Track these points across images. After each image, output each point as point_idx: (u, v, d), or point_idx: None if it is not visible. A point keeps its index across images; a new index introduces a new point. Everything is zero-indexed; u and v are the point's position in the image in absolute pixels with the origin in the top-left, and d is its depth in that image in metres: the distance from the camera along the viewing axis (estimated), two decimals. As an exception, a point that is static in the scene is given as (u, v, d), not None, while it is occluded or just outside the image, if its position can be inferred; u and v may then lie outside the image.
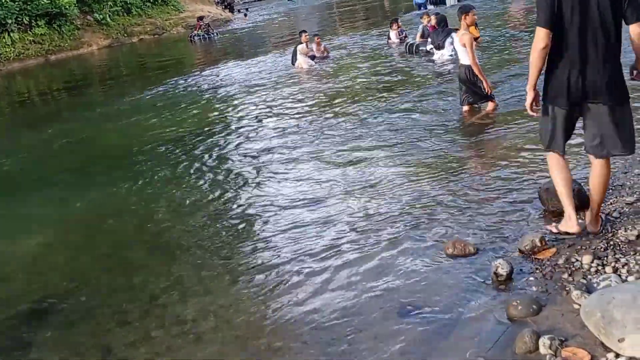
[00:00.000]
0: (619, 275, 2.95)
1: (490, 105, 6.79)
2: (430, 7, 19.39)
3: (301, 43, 11.99)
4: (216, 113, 9.59)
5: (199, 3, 32.45)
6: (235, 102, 10.09)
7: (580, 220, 3.57)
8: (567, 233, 3.51)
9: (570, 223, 3.47)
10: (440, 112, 7.27)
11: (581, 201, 3.76)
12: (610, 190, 4.03)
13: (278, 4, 37.58)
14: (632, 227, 3.38)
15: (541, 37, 3.09)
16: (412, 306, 3.26)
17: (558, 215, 3.73)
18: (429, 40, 10.96)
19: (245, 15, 31.76)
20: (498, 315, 2.99)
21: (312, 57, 12.17)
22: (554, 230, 3.58)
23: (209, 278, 4.07)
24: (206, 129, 8.51)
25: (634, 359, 2.29)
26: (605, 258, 3.17)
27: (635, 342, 2.28)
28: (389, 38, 13.19)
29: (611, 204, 3.82)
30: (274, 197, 5.33)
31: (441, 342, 2.92)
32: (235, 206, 5.35)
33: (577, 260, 3.24)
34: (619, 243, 3.29)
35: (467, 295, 3.27)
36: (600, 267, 3.10)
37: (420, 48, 11.31)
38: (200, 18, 24.50)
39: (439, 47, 10.50)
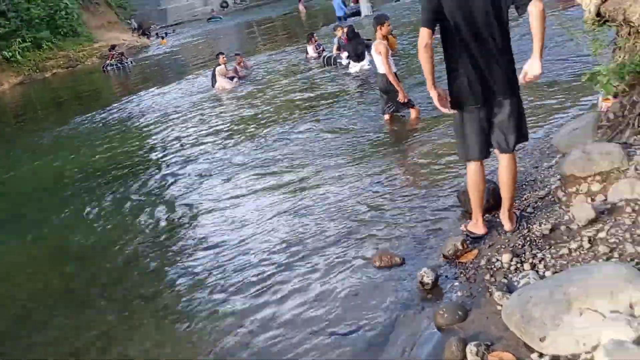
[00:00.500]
0: (537, 272, 3.00)
1: (413, 113, 6.85)
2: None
3: (219, 65, 11.84)
4: (132, 145, 9.22)
5: (113, 31, 31.51)
6: (153, 131, 9.78)
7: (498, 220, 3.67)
8: (472, 232, 3.64)
9: (477, 226, 3.64)
10: (362, 123, 7.30)
11: (497, 200, 3.84)
12: (524, 186, 4.15)
13: (197, 26, 37.09)
14: (546, 221, 3.47)
15: (422, 35, 3.14)
16: (342, 324, 3.22)
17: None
18: (345, 53, 11.04)
19: (163, 38, 31.12)
20: (426, 326, 2.99)
21: (233, 78, 12.05)
22: (462, 229, 3.73)
23: (133, 323, 3.86)
24: (123, 162, 8.19)
25: (556, 357, 2.31)
26: (523, 255, 3.23)
27: (556, 340, 2.31)
28: (307, 53, 13.26)
29: (525, 199, 3.92)
30: (196, 228, 5.17)
31: (372, 358, 2.88)
32: (157, 241, 5.15)
33: (497, 259, 3.29)
34: (535, 238, 3.36)
35: (396, 307, 3.26)
36: (519, 265, 3.16)
37: (338, 60, 11.42)
38: (113, 47, 23.74)
39: (358, 58, 10.63)
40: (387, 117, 6.99)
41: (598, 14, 4.51)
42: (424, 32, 3.13)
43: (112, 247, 5.24)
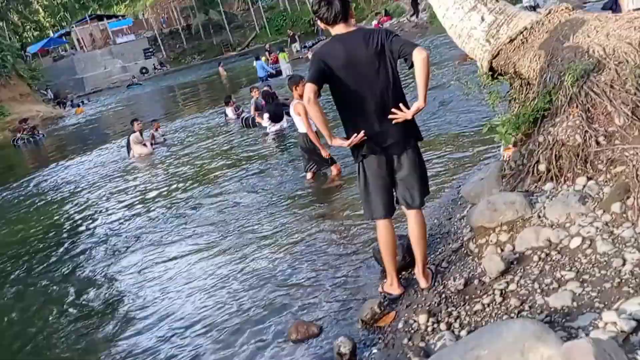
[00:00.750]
0: (452, 331, 2.92)
1: (334, 171, 6.82)
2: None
3: (134, 132, 11.52)
4: (39, 224, 8.53)
5: (26, 103, 30.36)
6: (63, 207, 9.18)
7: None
8: (389, 293, 3.54)
9: (392, 287, 3.55)
10: (282, 184, 7.19)
11: (412, 256, 3.78)
12: (438, 239, 4.14)
13: (117, 93, 36.36)
14: (460, 276, 3.42)
15: (306, 91, 3.07)
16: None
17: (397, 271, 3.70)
18: (266, 115, 11.00)
19: (79, 106, 30.26)
20: (346, 403, 2.80)
21: (151, 144, 11.75)
22: (379, 290, 3.64)
23: None
24: (28, 243, 7.59)
25: None
26: (439, 314, 3.15)
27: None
28: (226, 115, 13.23)
29: (439, 253, 3.89)
30: (105, 312, 4.79)
31: None
32: (65, 331, 4.69)
33: (414, 321, 3.19)
34: (450, 295, 3.29)
35: (314, 386, 3.05)
36: (435, 325, 3.06)
37: (256, 121, 11.42)
38: (24, 120, 22.74)
39: (277, 118, 10.65)
40: (309, 175, 6.93)
41: (491, 69, 4.72)
42: (307, 88, 3.08)
43: (15, 342, 4.74)
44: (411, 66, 3.08)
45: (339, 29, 3.22)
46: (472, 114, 7.47)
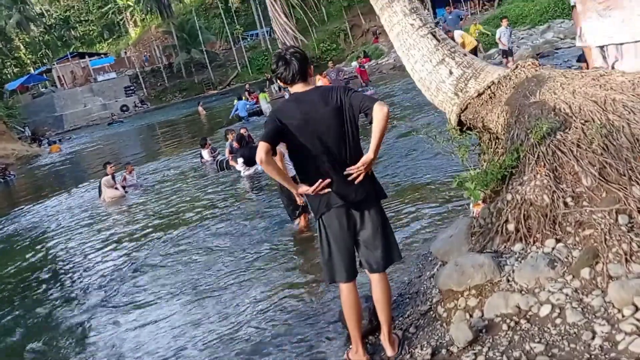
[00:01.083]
0: (417, 412, 2.73)
1: (302, 221, 6.56)
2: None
3: (106, 175, 11.29)
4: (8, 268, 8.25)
5: (1, 142, 29.88)
6: (25, 257, 8.73)
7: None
8: None
9: (358, 354, 3.38)
10: (252, 233, 6.97)
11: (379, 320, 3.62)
12: (407, 300, 3.98)
13: (97, 130, 35.97)
14: (427, 344, 3.26)
15: (259, 150, 2.96)
16: None
17: (364, 336, 3.51)
18: (241, 159, 10.83)
19: (55, 143, 29.83)
20: None
21: (123, 187, 11.51)
22: (345, 358, 3.48)
23: None
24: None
25: None
26: (404, 389, 2.97)
27: None
28: (201, 157, 13.09)
29: (408, 316, 3.72)
30: None
31: None
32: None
33: (378, 397, 3.00)
34: (417, 366, 3.12)
35: None
36: (400, 402, 2.88)
37: (231, 164, 11.29)
38: (-5, 160, 22.35)
39: (251, 162, 10.50)
40: (298, 221, 6.67)
41: (460, 122, 4.67)
42: (260, 147, 2.97)
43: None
44: (372, 121, 3.02)
45: (297, 88, 3.17)
46: (444, 162, 7.40)
